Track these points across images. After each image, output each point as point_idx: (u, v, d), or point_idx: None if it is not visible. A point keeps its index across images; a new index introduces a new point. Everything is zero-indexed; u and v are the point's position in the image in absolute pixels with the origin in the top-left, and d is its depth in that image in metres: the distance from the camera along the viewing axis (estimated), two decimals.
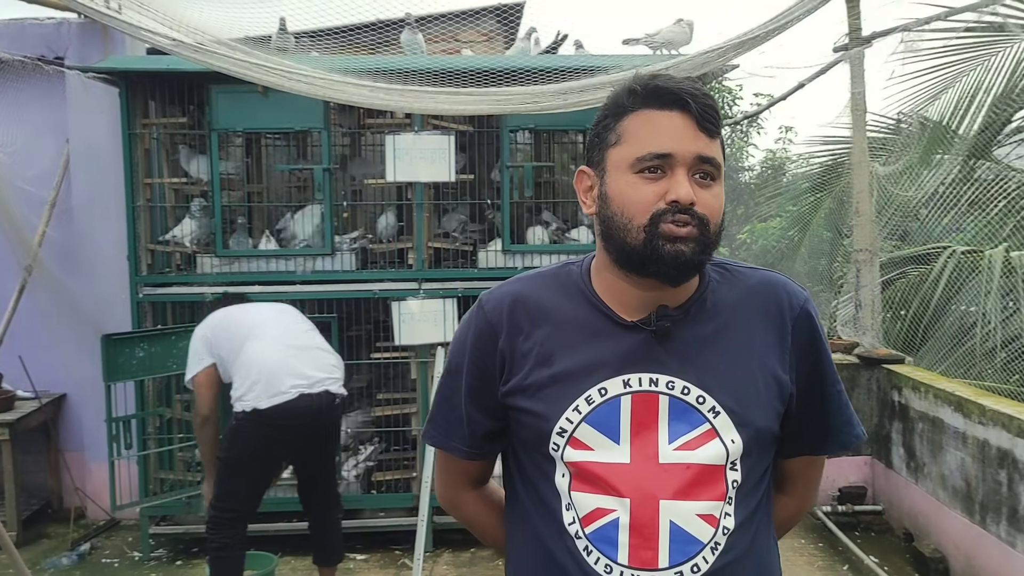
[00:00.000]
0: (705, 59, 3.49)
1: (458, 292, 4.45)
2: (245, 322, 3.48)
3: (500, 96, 3.65)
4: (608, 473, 1.22)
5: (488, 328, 1.32)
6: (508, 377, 1.30)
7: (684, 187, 1.18)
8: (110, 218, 4.69)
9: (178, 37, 3.26)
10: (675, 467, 1.22)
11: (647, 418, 1.24)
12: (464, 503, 1.48)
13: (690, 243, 1.18)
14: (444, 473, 1.48)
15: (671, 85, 1.21)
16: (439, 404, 1.40)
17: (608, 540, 1.22)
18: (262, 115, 4.36)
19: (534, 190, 4.60)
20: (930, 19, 4.63)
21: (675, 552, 1.20)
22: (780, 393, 1.27)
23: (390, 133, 4.35)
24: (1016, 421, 3.51)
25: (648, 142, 1.20)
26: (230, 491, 3.33)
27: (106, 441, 4.06)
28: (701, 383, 1.24)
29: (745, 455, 1.24)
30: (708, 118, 1.20)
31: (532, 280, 1.36)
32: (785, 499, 1.44)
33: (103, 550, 4.54)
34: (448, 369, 1.39)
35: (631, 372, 1.25)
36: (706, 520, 1.22)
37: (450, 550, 4.48)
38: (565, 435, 1.24)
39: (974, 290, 5.12)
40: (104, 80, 4.43)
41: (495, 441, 1.38)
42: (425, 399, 4.42)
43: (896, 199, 6.04)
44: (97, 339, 4.04)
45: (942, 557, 4.03)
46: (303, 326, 3.61)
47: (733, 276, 1.33)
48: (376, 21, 4.62)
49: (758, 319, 1.29)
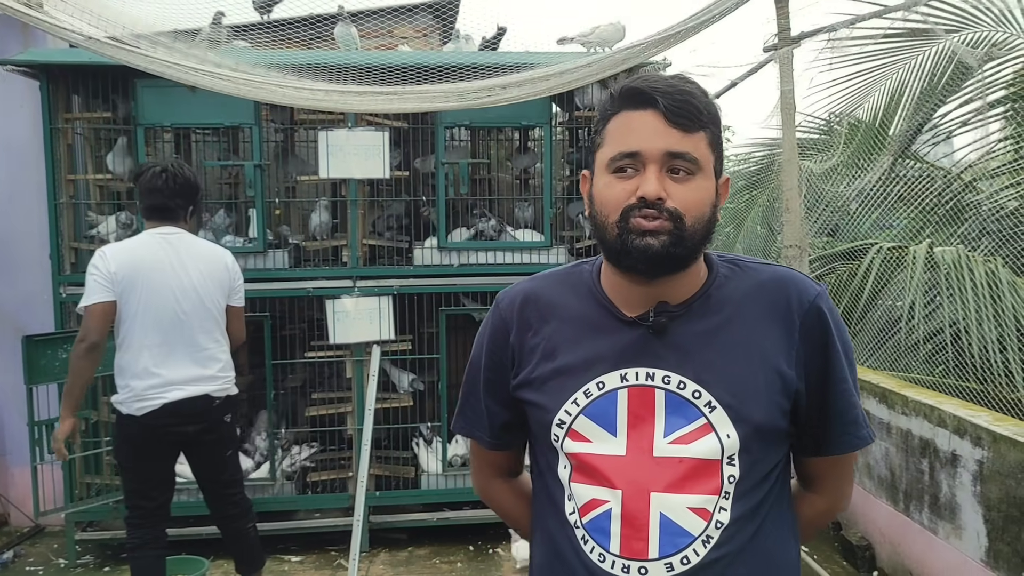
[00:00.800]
0: (627, 54, 3.52)
1: (393, 290, 4.41)
2: (143, 291, 3.18)
3: (429, 93, 3.63)
4: (603, 465, 1.27)
5: (501, 324, 1.41)
6: (518, 371, 1.38)
7: (650, 183, 1.21)
8: (32, 216, 4.54)
9: (92, 33, 3.15)
10: (668, 460, 1.25)
11: (643, 412, 1.27)
12: (494, 492, 1.58)
13: (660, 236, 1.21)
14: (475, 462, 1.58)
15: (643, 85, 1.24)
16: (464, 396, 1.49)
17: (602, 530, 1.26)
18: (190, 110, 4.26)
19: (470, 187, 4.59)
20: (857, 19, 4.73)
21: (665, 544, 1.24)
22: (784, 389, 1.28)
23: (323, 129, 4.30)
24: (937, 411, 3.62)
25: (620, 142, 1.24)
26: (130, 490, 3.28)
27: (28, 445, 3.92)
28: (698, 378, 1.26)
29: (743, 450, 1.25)
30: (680, 113, 1.22)
31: (545, 279, 1.43)
32: (814, 497, 1.46)
33: (27, 558, 4.41)
34: (470, 363, 1.48)
35: (629, 367, 1.29)
36: (698, 513, 1.24)
37: (387, 550, 4.46)
38: (564, 427, 1.30)
39: (900, 285, 5.26)
40: (24, 73, 4.28)
41: (514, 433, 1.46)
42: (360, 398, 4.38)
43: (826, 196, 6.19)
44: (18, 340, 3.90)
45: (868, 545, 4.14)
46: (195, 308, 3.26)
47: (743, 272, 1.35)
48: (309, 16, 4.56)
49: (765, 314, 1.30)
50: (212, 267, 3.32)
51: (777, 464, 1.32)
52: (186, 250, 3.28)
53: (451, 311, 4.53)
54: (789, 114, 4.67)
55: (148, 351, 3.18)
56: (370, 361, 4.35)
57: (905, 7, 4.90)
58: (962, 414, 3.49)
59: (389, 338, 4.38)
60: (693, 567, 1.23)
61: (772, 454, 1.31)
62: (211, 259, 3.33)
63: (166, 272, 3.22)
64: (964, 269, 4.62)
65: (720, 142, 1.29)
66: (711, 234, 1.28)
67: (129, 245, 3.27)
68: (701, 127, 1.24)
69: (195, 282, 3.26)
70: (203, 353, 3.27)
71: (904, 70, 5.75)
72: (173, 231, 3.30)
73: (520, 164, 4.98)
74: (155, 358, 3.18)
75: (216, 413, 3.31)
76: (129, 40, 3.29)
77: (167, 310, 3.20)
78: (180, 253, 3.27)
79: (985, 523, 3.29)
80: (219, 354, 3.33)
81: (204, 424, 3.27)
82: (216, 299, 3.32)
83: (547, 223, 4.53)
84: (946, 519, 3.55)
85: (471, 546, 4.50)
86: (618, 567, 1.25)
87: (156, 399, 3.16)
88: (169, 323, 3.21)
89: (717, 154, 1.28)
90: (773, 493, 1.31)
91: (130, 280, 3.17)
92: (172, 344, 3.21)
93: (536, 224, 4.69)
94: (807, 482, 1.46)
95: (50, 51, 4.49)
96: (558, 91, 3.96)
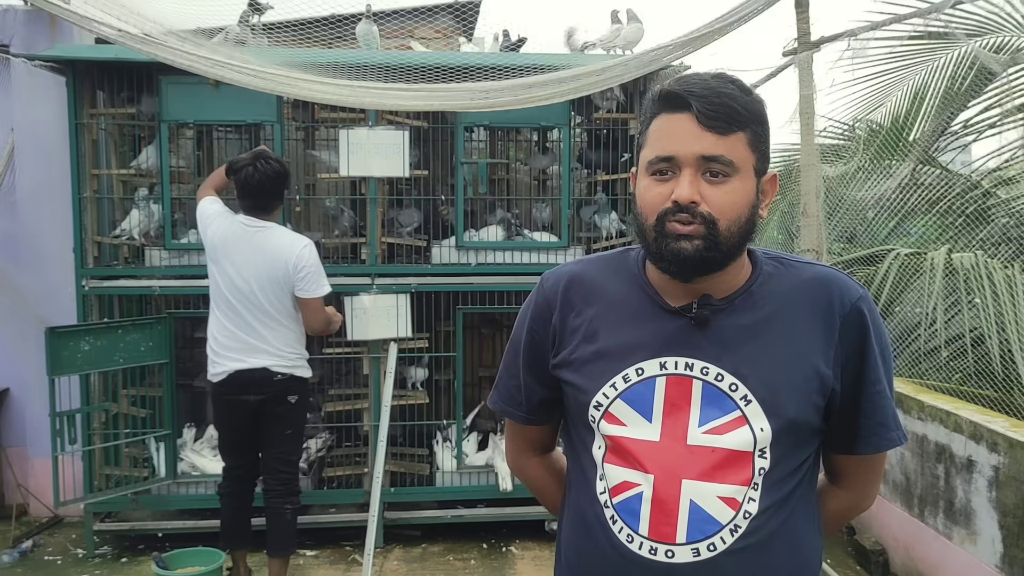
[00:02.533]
0: (652, 56, 3.54)
1: (411, 287, 4.44)
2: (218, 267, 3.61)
3: (450, 92, 3.66)
4: (637, 449, 1.30)
5: (545, 304, 1.43)
6: (558, 350, 1.41)
7: (683, 187, 1.23)
8: (56, 210, 4.60)
9: (124, 27, 3.20)
10: (701, 449, 1.28)
11: (680, 400, 1.30)
12: (527, 467, 1.61)
13: (695, 240, 1.23)
14: (510, 437, 1.62)
15: (679, 88, 1.25)
16: (502, 372, 1.53)
17: (631, 512, 1.29)
18: (213, 107, 4.31)
19: (488, 187, 4.61)
20: (878, 24, 4.73)
21: (693, 530, 1.26)
22: (821, 388, 1.30)
23: (344, 127, 4.33)
24: (953, 417, 3.61)
25: (657, 145, 1.27)
26: (218, 446, 3.88)
27: (49, 436, 3.98)
28: (736, 371, 1.29)
29: (775, 443, 1.28)
30: (714, 116, 1.23)
31: (592, 262, 1.46)
32: (840, 493, 1.48)
33: (46, 547, 4.46)
34: (511, 340, 1.51)
35: (668, 355, 1.31)
36: (727, 503, 1.27)
37: (401, 546, 4.48)
38: (601, 409, 1.33)
39: (918, 291, 5.24)
40: (51, 69, 4.34)
41: (551, 409, 1.49)
42: (377, 394, 4.41)
43: (846, 201, 6.16)
44: (41, 332, 3.96)
45: (882, 550, 4.13)
46: (249, 299, 3.57)
47: (787, 270, 1.37)
48: (331, 16, 4.61)
49: (806, 313, 1.32)
50: (272, 265, 3.53)
51: (807, 459, 1.34)
52: (257, 246, 3.55)
53: (468, 309, 4.56)
54: (808, 118, 4.67)
55: (218, 322, 3.57)
56: (387, 358, 4.38)
57: (927, 12, 4.89)
58: (978, 419, 3.48)
59: (406, 336, 4.41)
60: (719, 554, 1.26)
61: (803, 449, 1.33)
62: (275, 256, 3.54)
63: (235, 260, 3.53)
64: (983, 275, 4.60)
65: (764, 139, 1.29)
66: (751, 234, 1.30)
67: (228, 221, 3.61)
68: (740, 127, 1.25)
69: (251, 276, 3.52)
70: (258, 335, 3.54)
71: (923, 74, 5.73)
72: (259, 226, 3.58)
73: (539, 165, 5.01)
74: (223, 330, 3.55)
75: (276, 387, 3.55)
76: (158, 35, 3.34)
77: (232, 291, 3.53)
78: (252, 245, 3.54)
79: (1000, 529, 3.28)
80: (274, 338, 3.56)
81: (263, 396, 3.54)
82: (270, 295, 3.54)
83: (564, 223, 4.55)
84: (961, 524, 3.54)
85: (485, 544, 4.52)
86: (646, 548, 1.28)
87: (221, 369, 3.54)
88: (232, 304, 3.53)
89: (760, 153, 1.28)
90: (802, 486, 1.33)
91: (214, 249, 3.58)
92: (236, 321, 3.53)
93: (552, 226, 4.72)
94: (835, 478, 1.48)
95: (77, 47, 4.56)
96: (583, 93, 3.98)
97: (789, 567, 1.31)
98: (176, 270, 4.35)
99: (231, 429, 3.67)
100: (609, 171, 4.70)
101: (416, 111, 4.33)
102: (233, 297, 3.53)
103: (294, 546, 3.79)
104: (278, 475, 3.65)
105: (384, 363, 4.39)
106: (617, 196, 4.77)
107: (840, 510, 1.49)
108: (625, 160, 4.69)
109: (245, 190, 3.56)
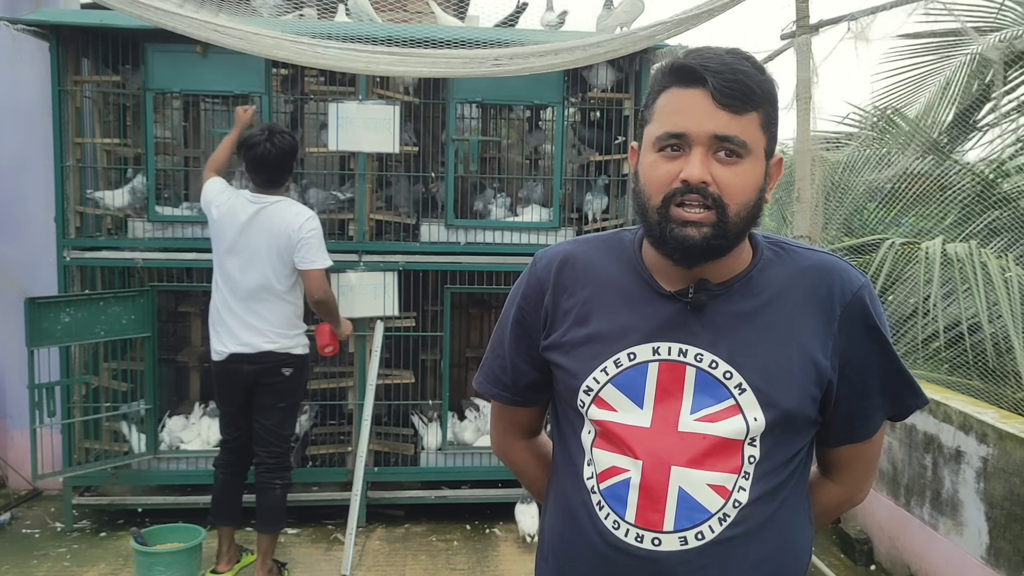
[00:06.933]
0: (651, 32, 3.47)
1: (399, 265, 4.38)
2: (220, 243, 3.63)
3: (439, 58, 3.58)
4: (627, 434, 1.26)
5: (537, 284, 1.38)
6: (549, 332, 1.36)
7: (694, 167, 1.17)
8: (38, 179, 4.52)
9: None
10: (692, 436, 1.24)
11: (672, 386, 1.25)
12: (512, 450, 1.57)
13: (703, 227, 1.18)
14: (495, 419, 1.58)
15: (694, 62, 1.19)
16: (488, 353, 1.49)
17: (618, 498, 1.25)
18: (200, 76, 4.22)
19: (479, 165, 4.54)
20: (877, 9, 4.66)
21: (681, 517, 1.23)
22: (818, 378, 1.26)
23: (334, 101, 4.26)
24: (943, 407, 3.58)
25: (667, 121, 1.20)
26: (219, 418, 3.84)
27: (28, 408, 3.91)
28: (731, 359, 1.24)
29: (767, 433, 1.24)
30: (730, 94, 1.17)
31: (586, 243, 1.40)
32: (832, 486, 1.44)
33: (24, 520, 4.41)
34: (500, 320, 1.47)
35: (662, 340, 1.27)
36: (716, 491, 1.23)
37: (383, 526, 4.45)
38: (591, 394, 1.29)
39: (912, 282, 5.22)
40: (34, 34, 4.23)
41: (539, 391, 1.44)
42: (362, 373, 4.36)
43: (851, 191, 6.12)
44: (21, 303, 3.89)
45: (867, 538, 4.11)
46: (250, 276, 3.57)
47: (788, 255, 1.32)
48: None
49: (805, 301, 1.27)
50: (277, 238, 3.51)
51: (800, 451, 1.30)
52: (261, 222, 3.52)
53: (456, 289, 4.50)
54: (805, 102, 4.61)
55: (222, 299, 3.58)
56: (373, 336, 4.32)
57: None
58: (968, 410, 3.45)
59: (393, 314, 4.35)
60: (707, 543, 1.22)
61: (796, 440, 1.29)
62: (280, 228, 3.51)
63: (239, 239, 3.53)
64: (977, 265, 4.57)
65: (774, 121, 1.24)
66: (757, 219, 1.25)
67: (233, 199, 3.57)
68: (753, 107, 1.19)
69: (254, 252, 3.51)
70: (258, 315, 3.54)
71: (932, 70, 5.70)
72: (266, 201, 3.54)
73: (533, 141, 4.95)
74: (225, 307, 3.57)
75: (271, 359, 3.55)
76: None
77: (235, 268, 3.53)
78: (257, 221, 3.52)
79: (987, 520, 3.26)
80: (274, 316, 3.56)
81: (258, 366, 3.54)
82: (274, 268, 3.53)
83: (556, 204, 4.49)
84: (947, 515, 3.51)
85: (468, 525, 4.49)
86: (631, 536, 1.24)
87: (221, 348, 3.56)
88: (235, 281, 3.54)
89: (770, 135, 1.23)
90: (793, 478, 1.30)
91: (220, 227, 3.57)
92: (236, 299, 3.54)
93: (545, 202, 4.65)
94: (828, 471, 1.44)
95: (61, 11, 4.46)
96: (574, 66, 3.91)
97: (778, 558, 1.27)
98: (160, 242, 4.27)
99: (226, 400, 3.67)
100: (603, 152, 4.63)
101: (408, 76, 4.24)
102: (235, 274, 3.53)
103: (283, 522, 3.77)
104: (269, 447, 3.64)
105: (370, 342, 4.34)
106: (610, 177, 4.70)
107: (832, 503, 1.46)
108: (619, 143, 4.62)
109: (261, 166, 3.52)
